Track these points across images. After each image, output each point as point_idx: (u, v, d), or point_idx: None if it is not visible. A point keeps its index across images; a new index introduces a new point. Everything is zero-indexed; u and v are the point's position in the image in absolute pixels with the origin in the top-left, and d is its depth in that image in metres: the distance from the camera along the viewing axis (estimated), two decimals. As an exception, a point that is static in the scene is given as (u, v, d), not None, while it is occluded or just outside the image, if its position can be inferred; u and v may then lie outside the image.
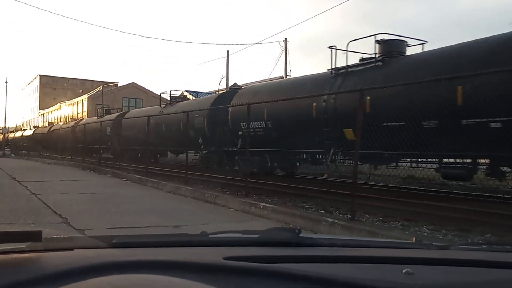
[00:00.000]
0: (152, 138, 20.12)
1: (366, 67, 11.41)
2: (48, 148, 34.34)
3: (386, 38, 11.53)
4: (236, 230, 1.71)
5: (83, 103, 59.64)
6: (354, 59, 12.17)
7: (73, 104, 63.30)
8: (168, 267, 1.07)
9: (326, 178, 15.86)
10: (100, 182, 13.68)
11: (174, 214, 7.89)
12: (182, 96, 23.56)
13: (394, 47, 11.34)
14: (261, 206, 8.10)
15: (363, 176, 14.36)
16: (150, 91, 56.89)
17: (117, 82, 67.40)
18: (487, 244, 1.94)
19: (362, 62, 11.78)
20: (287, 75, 28.42)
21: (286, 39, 30.58)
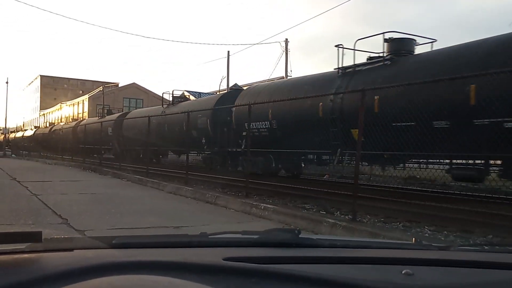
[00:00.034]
0: (154, 138, 19.99)
1: (374, 66, 11.22)
2: (49, 148, 34.34)
3: (394, 37, 11.31)
4: (236, 231, 1.71)
5: (83, 103, 59.69)
6: (359, 59, 11.97)
7: (73, 105, 63.34)
8: (168, 268, 1.07)
9: (326, 178, 15.84)
10: (100, 183, 13.69)
11: (174, 214, 7.87)
12: (183, 96, 23.48)
13: (403, 46, 11.12)
14: (262, 207, 8.05)
15: (364, 177, 14.33)
16: (150, 91, 56.94)
17: (117, 83, 67.51)
18: (489, 245, 1.94)
19: (369, 61, 11.58)
20: (288, 75, 28.42)
21: (287, 39, 30.58)
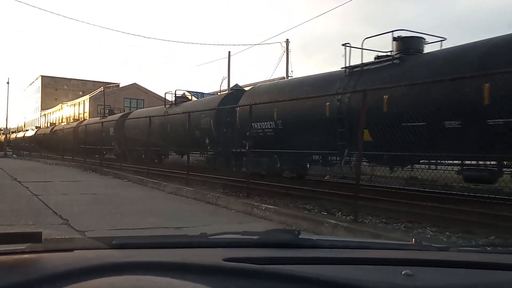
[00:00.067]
0: (157, 138, 19.86)
1: (382, 65, 11.01)
2: (50, 148, 34.37)
3: (403, 35, 11.10)
4: (236, 232, 1.70)
5: (84, 103, 59.74)
6: (364, 58, 11.74)
7: (74, 105, 63.39)
8: (167, 269, 1.08)
9: (327, 179, 15.82)
10: (101, 183, 13.69)
11: (175, 215, 7.85)
12: (184, 97, 23.35)
13: (412, 44, 10.91)
14: (263, 208, 8.00)
15: (364, 177, 14.30)
16: (151, 91, 57.01)
17: (118, 83, 67.57)
18: (490, 246, 1.94)
19: (378, 60, 11.37)
20: (289, 75, 28.39)
21: (287, 39, 30.47)
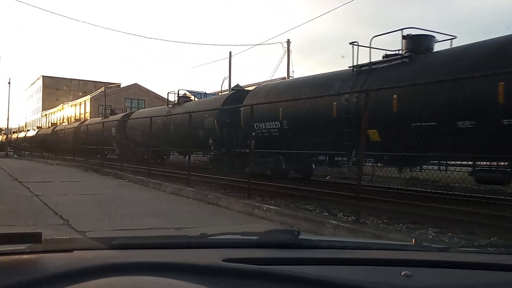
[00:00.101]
0: (160, 138, 19.72)
1: (391, 64, 10.83)
2: (51, 149, 34.37)
3: (411, 34, 10.93)
4: (236, 232, 1.70)
5: (85, 104, 59.78)
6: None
7: (75, 105, 63.44)
8: (167, 269, 1.08)
9: (329, 179, 15.81)
10: (102, 184, 13.69)
11: (176, 216, 7.84)
12: (186, 97, 23.16)
13: (422, 43, 10.71)
14: (264, 208, 7.97)
15: (365, 178, 14.29)
16: (152, 92, 57.06)
17: (119, 83, 67.66)
18: (492, 247, 1.94)
19: (386, 58, 11.18)
20: (290, 76, 28.38)
21: (288, 40, 30.48)
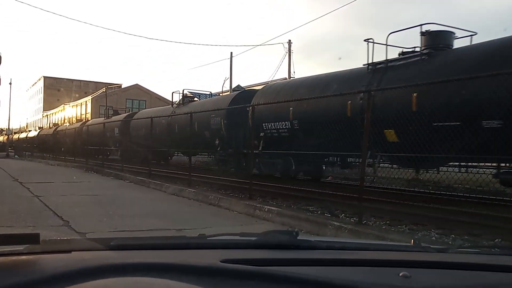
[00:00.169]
0: (164, 139, 19.56)
1: (409, 61, 10.45)
2: (53, 149, 34.35)
3: (430, 30, 10.53)
4: (234, 233, 1.70)
5: (86, 104, 59.82)
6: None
7: (76, 106, 63.48)
8: (165, 270, 1.08)
9: (330, 180, 15.78)
10: (102, 184, 13.69)
11: (176, 217, 7.82)
12: (189, 96, 22.88)
13: (441, 39, 10.32)
14: (265, 209, 7.94)
15: (367, 179, 14.20)
16: (153, 92, 57.11)
17: (120, 84, 67.66)
18: (495, 248, 1.94)
19: (403, 56, 10.84)
20: (291, 76, 28.41)
21: (290, 40, 30.59)
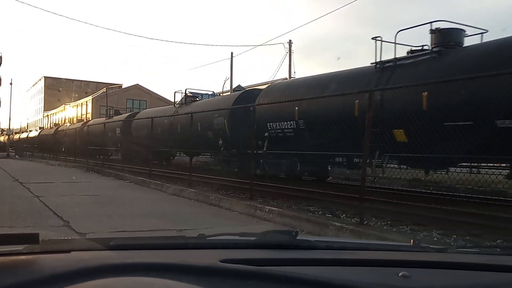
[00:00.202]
0: (166, 139, 19.45)
1: (418, 59, 10.26)
2: (53, 149, 34.36)
3: (440, 27, 10.38)
4: (233, 233, 1.70)
5: (87, 104, 59.86)
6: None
7: (77, 106, 63.52)
8: (164, 270, 1.07)
9: (330, 180, 15.77)
10: (103, 184, 13.69)
11: (177, 217, 7.81)
12: (194, 96, 22.71)
13: (451, 37, 10.15)
14: (266, 210, 7.92)
15: (367, 179, 14.16)
16: (154, 92, 57.15)
17: (121, 84, 67.72)
18: (497, 249, 1.94)
19: (412, 54, 10.65)
20: (292, 76, 28.43)
21: (290, 40, 30.63)
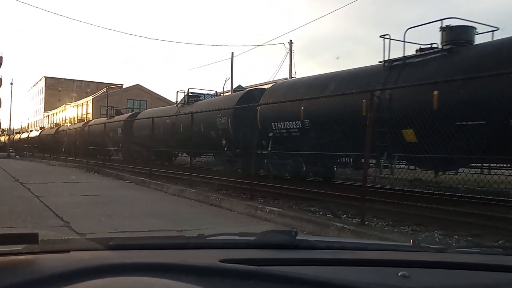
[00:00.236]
0: (168, 139, 19.37)
1: (428, 58, 10.03)
2: (54, 149, 34.36)
3: (450, 25, 10.12)
4: (233, 233, 1.70)
5: (87, 104, 59.90)
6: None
7: (78, 106, 63.56)
8: (164, 270, 1.07)
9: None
10: (103, 184, 13.67)
11: (177, 217, 7.81)
12: (197, 96, 22.60)
13: (462, 35, 9.93)
14: (267, 210, 7.88)
15: (368, 179, 14.13)
16: (154, 92, 57.18)
17: (122, 84, 67.76)
18: (498, 248, 1.94)
19: (422, 52, 10.40)
20: (292, 76, 28.45)
21: (291, 40, 30.65)
